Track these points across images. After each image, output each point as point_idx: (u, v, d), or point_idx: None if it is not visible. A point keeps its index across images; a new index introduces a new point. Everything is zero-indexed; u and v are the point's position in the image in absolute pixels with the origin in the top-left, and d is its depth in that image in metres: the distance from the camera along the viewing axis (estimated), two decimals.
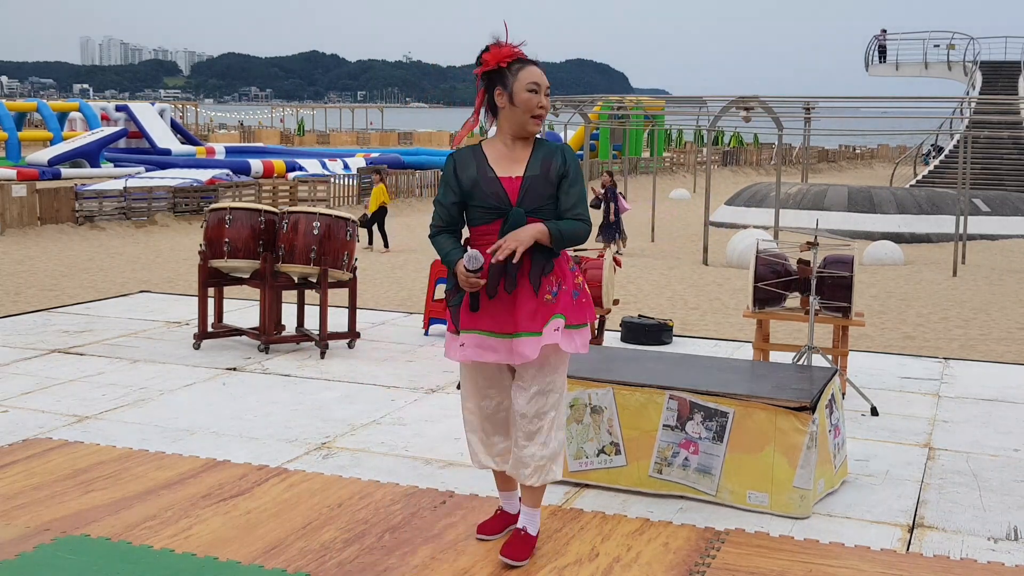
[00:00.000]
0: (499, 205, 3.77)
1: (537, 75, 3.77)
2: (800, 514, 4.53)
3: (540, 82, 3.77)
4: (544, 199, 3.77)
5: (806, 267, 6.57)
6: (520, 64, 3.78)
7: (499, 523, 4.22)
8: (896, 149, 57.70)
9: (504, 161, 3.82)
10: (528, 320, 3.77)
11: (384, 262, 17.73)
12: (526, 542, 4.00)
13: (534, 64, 3.80)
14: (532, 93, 3.76)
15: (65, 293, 13.86)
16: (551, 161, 3.80)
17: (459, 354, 3.86)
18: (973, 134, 23.76)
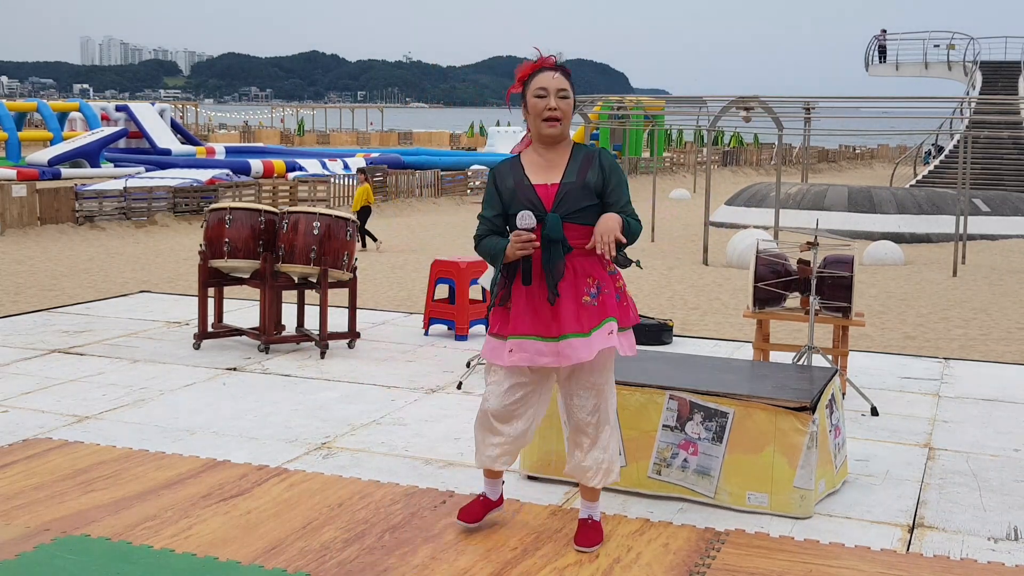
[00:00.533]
0: (535, 211, 3.89)
1: (545, 80, 3.89)
2: (800, 514, 4.53)
3: (547, 86, 3.88)
4: (580, 205, 3.90)
5: (806, 267, 6.57)
6: (536, 73, 3.93)
7: (481, 509, 4.31)
8: (896, 149, 57.70)
9: (540, 169, 3.95)
10: (573, 321, 3.88)
11: (384, 262, 17.73)
12: (596, 529, 4.18)
13: (552, 70, 3.91)
14: (539, 98, 3.88)
15: (65, 293, 13.86)
16: (588, 167, 3.92)
17: (508, 359, 3.95)
18: (973, 134, 23.75)
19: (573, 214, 3.90)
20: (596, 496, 4.20)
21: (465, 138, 63.22)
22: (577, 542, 4.12)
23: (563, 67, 3.96)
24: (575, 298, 3.90)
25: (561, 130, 3.93)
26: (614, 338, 3.92)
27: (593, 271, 3.94)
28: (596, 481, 4.09)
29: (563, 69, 3.95)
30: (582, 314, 3.90)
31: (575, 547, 4.11)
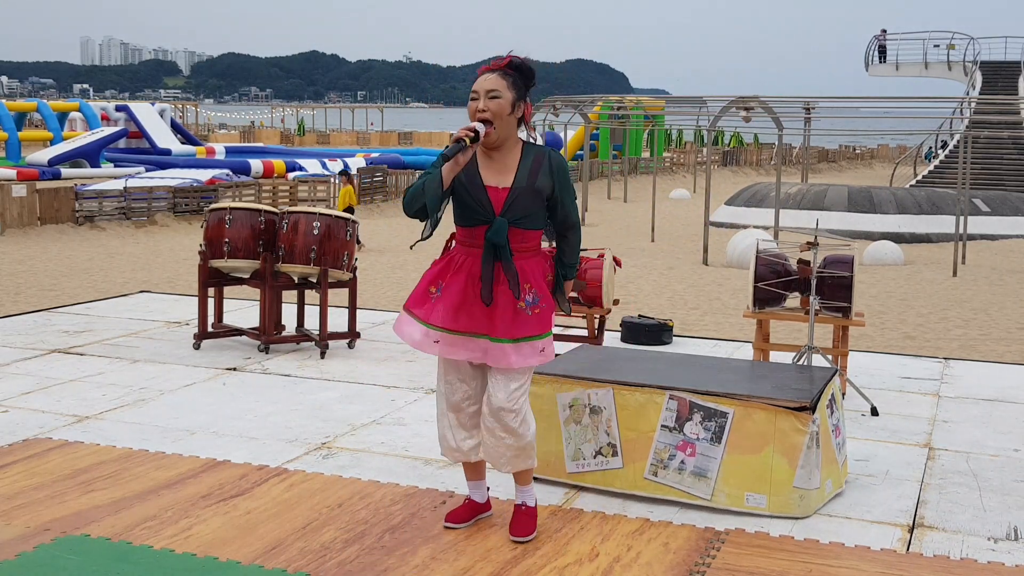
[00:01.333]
0: (483, 213, 3.91)
1: (477, 82, 3.90)
2: (801, 514, 4.53)
3: (477, 88, 3.89)
4: (529, 210, 3.93)
5: (806, 267, 6.57)
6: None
7: (468, 512, 4.33)
8: (896, 149, 57.69)
9: (492, 170, 3.94)
10: (506, 325, 3.91)
11: (384, 262, 17.73)
12: (529, 515, 4.19)
13: (492, 71, 3.91)
14: (472, 100, 3.91)
15: (65, 293, 13.86)
16: (539, 170, 3.94)
17: (432, 348, 3.99)
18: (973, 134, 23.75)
19: (520, 219, 3.92)
20: (526, 479, 4.20)
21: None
22: (512, 531, 4.16)
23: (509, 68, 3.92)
24: (511, 301, 3.92)
25: (496, 133, 3.89)
26: (547, 354, 3.99)
27: (532, 277, 3.96)
28: (508, 468, 4.10)
29: (506, 70, 3.91)
30: (516, 320, 3.92)
31: (511, 537, 4.14)
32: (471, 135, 3.81)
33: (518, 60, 3.95)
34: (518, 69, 3.95)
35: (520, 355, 3.93)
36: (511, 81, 3.91)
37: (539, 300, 3.97)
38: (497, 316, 3.91)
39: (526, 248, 3.96)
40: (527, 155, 3.96)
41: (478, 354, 3.96)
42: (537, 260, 4.01)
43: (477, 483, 4.35)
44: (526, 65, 3.96)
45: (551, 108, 25.06)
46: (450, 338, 3.96)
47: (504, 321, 3.91)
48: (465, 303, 3.94)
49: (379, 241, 20.40)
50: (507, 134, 3.93)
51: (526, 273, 3.95)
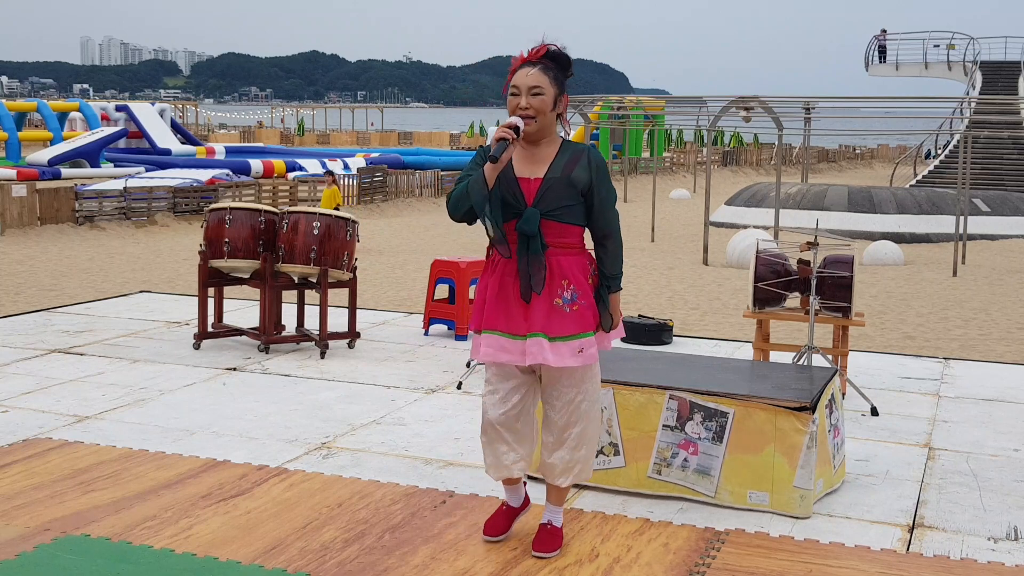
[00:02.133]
0: (515, 204, 3.78)
1: (519, 78, 3.77)
2: (800, 514, 4.53)
3: (519, 83, 3.76)
4: (562, 202, 3.79)
5: (806, 267, 6.57)
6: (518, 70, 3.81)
7: (505, 520, 4.20)
8: (896, 149, 57.69)
9: (525, 162, 3.83)
10: (541, 321, 3.79)
11: (384, 262, 17.72)
12: (554, 535, 4.08)
13: (531, 65, 3.78)
14: (512, 96, 3.78)
15: (65, 293, 13.86)
16: (575, 164, 3.80)
17: (479, 355, 3.91)
18: (973, 134, 23.76)
19: (554, 211, 3.79)
20: (560, 500, 4.11)
21: (465, 138, 63.22)
22: (535, 547, 4.04)
23: (547, 59, 3.79)
24: (547, 298, 3.81)
25: (537, 126, 3.78)
26: (586, 356, 3.84)
27: (570, 274, 3.83)
28: (561, 480, 4.01)
29: (545, 62, 3.78)
30: (552, 316, 3.80)
31: (532, 553, 4.02)
32: (513, 135, 3.70)
33: (555, 49, 3.80)
34: (555, 60, 3.81)
35: (557, 354, 3.79)
36: (552, 76, 3.78)
37: (577, 297, 3.83)
38: (533, 313, 3.80)
39: (564, 244, 3.82)
40: (565, 150, 3.84)
41: (518, 356, 3.83)
42: (577, 258, 3.86)
43: (515, 487, 4.19)
44: (563, 55, 3.82)
45: None
46: (492, 339, 3.86)
47: (540, 317, 3.79)
48: (504, 303, 3.85)
49: (379, 241, 20.39)
50: (547, 129, 3.83)
51: (563, 269, 3.81)
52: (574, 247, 3.86)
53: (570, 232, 3.84)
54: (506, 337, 3.84)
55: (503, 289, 3.85)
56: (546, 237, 3.79)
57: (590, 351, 3.87)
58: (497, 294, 3.86)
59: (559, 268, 3.81)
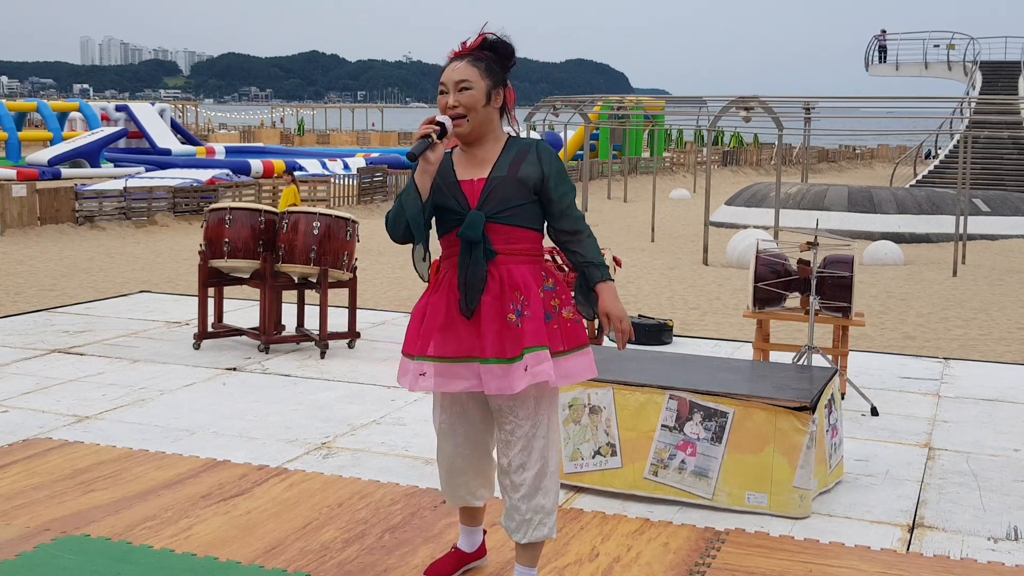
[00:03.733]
0: (458, 210, 3.35)
1: (445, 73, 3.36)
2: (800, 514, 4.53)
3: (446, 80, 3.35)
4: (511, 202, 3.33)
5: (806, 267, 6.57)
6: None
7: (450, 566, 3.78)
8: (896, 149, 57.69)
9: (467, 165, 3.40)
10: (495, 344, 3.30)
11: (384, 262, 17.72)
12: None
13: (460, 59, 3.36)
14: (441, 95, 3.37)
15: (65, 293, 13.85)
16: (522, 161, 3.35)
17: (419, 384, 3.37)
18: (973, 134, 23.75)
19: (501, 213, 3.32)
20: (530, 560, 3.54)
21: None
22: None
23: (482, 49, 3.36)
24: (499, 316, 3.31)
25: (470, 126, 3.33)
26: (539, 374, 3.29)
27: (522, 284, 3.33)
28: (518, 535, 3.47)
29: (476, 54, 3.35)
30: (505, 336, 3.29)
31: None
32: (437, 130, 3.29)
33: (492, 38, 3.37)
34: (492, 49, 3.37)
35: (508, 379, 3.28)
36: (484, 67, 3.34)
37: (525, 309, 3.33)
38: (484, 332, 3.31)
39: (515, 251, 3.35)
40: (511, 147, 3.38)
41: (474, 381, 3.33)
42: (531, 266, 3.38)
43: (470, 529, 3.79)
44: (502, 43, 3.38)
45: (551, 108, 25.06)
46: (440, 367, 3.34)
47: (492, 337, 3.30)
48: (451, 322, 3.35)
49: (379, 241, 20.39)
50: (485, 127, 3.37)
51: (515, 279, 3.33)
52: (527, 254, 3.38)
53: (522, 237, 3.37)
54: (456, 363, 3.35)
55: (449, 305, 3.37)
56: (494, 244, 3.32)
57: (539, 368, 3.30)
58: (444, 309, 3.37)
59: (510, 279, 3.33)
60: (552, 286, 3.40)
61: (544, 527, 3.46)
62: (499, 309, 3.32)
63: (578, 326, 3.43)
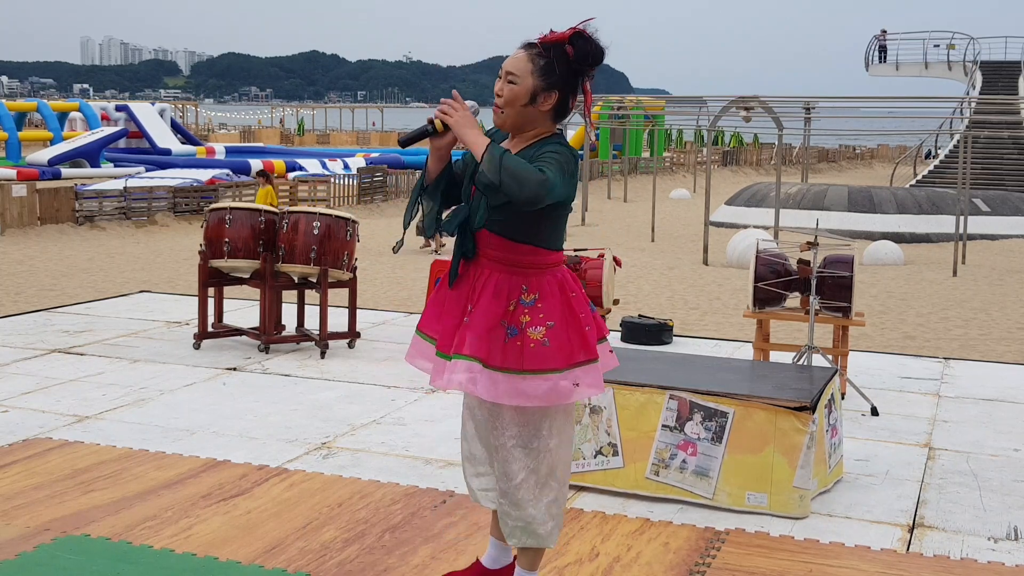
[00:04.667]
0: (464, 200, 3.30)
1: (506, 61, 3.22)
2: (800, 514, 4.53)
3: (503, 67, 3.21)
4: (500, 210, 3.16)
5: (806, 267, 6.57)
6: None
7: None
8: (896, 149, 57.70)
9: None
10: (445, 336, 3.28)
11: (384, 262, 17.72)
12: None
13: (525, 48, 3.21)
14: (498, 78, 3.23)
15: (65, 293, 13.85)
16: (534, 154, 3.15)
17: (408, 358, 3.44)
18: (973, 134, 23.75)
19: (500, 223, 3.20)
20: (528, 564, 3.45)
21: None
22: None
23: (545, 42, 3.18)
24: (458, 313, 3.27)
25: (503, 120, 3.22)
26: (452, 382, 3.21)
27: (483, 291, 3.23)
28: (513, 540, 3.39)
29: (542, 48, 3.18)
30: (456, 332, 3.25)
31: None
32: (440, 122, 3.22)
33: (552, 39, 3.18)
34: (554, 51, 3.16)
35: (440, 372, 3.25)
36: (542, 65, 3.15)
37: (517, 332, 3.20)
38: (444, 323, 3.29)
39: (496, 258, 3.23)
40: (544, 143, 3.19)
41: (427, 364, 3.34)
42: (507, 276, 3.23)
43: (498, 543, 3.60)
44: (582, 43, 3.15)
45: None
46: (415, 339, 3.37)
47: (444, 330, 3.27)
48: (437, 304, 3.36)
49: (379, 241, 20.39)
50: (524, 125, 3.22)
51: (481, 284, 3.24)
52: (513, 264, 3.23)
53: (506, 247, 3.22)
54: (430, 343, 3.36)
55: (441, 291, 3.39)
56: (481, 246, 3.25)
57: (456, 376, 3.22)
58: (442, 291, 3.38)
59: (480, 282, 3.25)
60: (530, 301, 3.22)
61: (535, 536, 3.36)
62: (460, 307, 3.27)
63: (545, 349, 3.20)
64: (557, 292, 3.25)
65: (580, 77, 3.21)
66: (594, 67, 3.21)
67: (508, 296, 3.22)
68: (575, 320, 3.26)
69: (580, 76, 3.21)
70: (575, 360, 3.23)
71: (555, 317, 3.23)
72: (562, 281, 3.29)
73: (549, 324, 3.21)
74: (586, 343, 3.26)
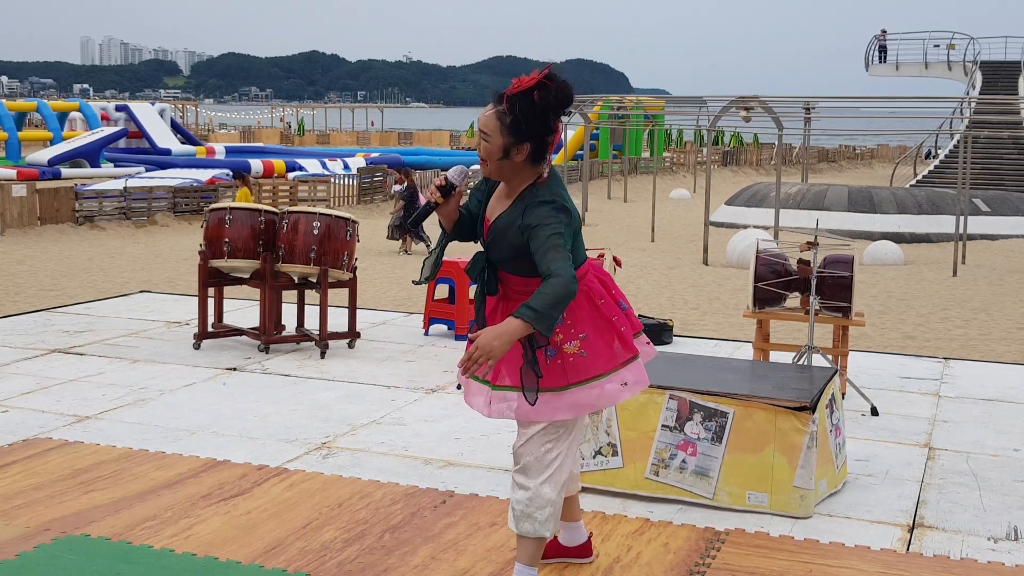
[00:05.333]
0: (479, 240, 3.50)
1: (479, 120, 3.39)
2: (801, 514, 4.53)
3: (478, 125, 3.38)
4: (511, 251, 3.36)
5: (806, 267, 6.57)
6: None
7: (547, 551, 3.89)
8: (896, 149, 57.70)
9: (499, 197, 3.46)
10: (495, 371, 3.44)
11: (384, 262, 17.72)
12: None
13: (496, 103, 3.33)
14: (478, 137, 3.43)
15: (65, 293, 13.85)
16: (526, 207, 3.32)
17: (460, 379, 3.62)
18: (973, 134, 23.75)
19: (501, 262, 3.42)
20: (524, 558, 3.57)
21: (465, 138, 63.24)
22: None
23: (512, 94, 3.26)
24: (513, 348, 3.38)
25: (487, 171, 3.38)
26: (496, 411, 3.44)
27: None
28: (512, 524, 3.55)
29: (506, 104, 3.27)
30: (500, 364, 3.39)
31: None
32: (438, 194, 3.45)
33: (516, 89, 3.26)
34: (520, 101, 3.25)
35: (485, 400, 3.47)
36: (508, 123, 3.27)
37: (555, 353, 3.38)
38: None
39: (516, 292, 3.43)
40: (529, 196, 3.35)
41: (482, 399, 3.51)
42: None
43: (568, 524, 3.89)
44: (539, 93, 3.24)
45: None
46: (466, 382, 3.56)
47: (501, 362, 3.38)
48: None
49: (379, 241, 20.39)
50: (506, 175, 3.38)
51: None
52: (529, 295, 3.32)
53: (519, 283, 3.42)
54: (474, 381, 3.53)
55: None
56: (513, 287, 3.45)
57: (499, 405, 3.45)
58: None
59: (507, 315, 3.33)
60: (559, 321, 3.34)
61: (531, 522, 3.48)
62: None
63: (584, 360, 3.39)
64: (585, 304, 3.42)
65: (550, 119, 3.31)
66: (563, 108, 3.32)
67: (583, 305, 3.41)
68: (608, 325, 3.44)
69: (551, 118, 3.31)
70: (619, 362, 3.46)
71: (587, 328, 3.41)
72: (588, 291, 3.44)
73: (582, 336, 3.40)
74: (625, 343, 3.47)
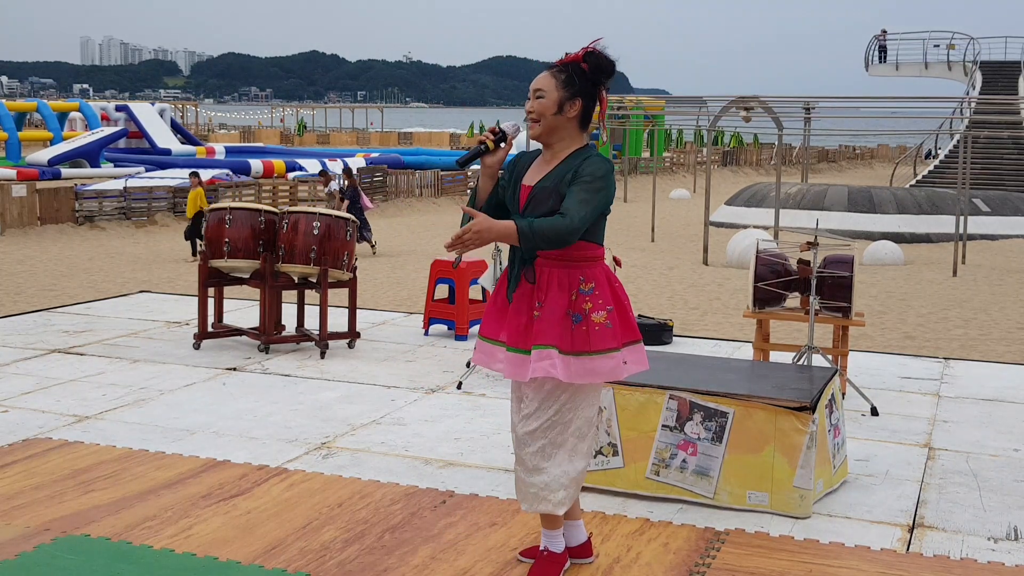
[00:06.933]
0: (513, 211, 3.67)
1: (532, 83, 3.67)
2: (800, 514, 4.53)
3: (531, 87, 3.64)
4: (542, 210, 3.57)
5: (806, 267, 6.57)
6: None
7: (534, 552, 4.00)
8: (896, 149, 57.69)
9: (537, 167, 3.68)
10: (518, 335, 3.63)
11: (384, 262, 17.72)
12: (551, 561, 3.83)
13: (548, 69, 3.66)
14: (527, 99, 3.67)
15: (65, 293, 13.85)
16: (569, 171, 3.57)
17: (474, 357, 3.84)
18: (973, 134, 23.75)
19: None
20: (549, 523, 3.83)
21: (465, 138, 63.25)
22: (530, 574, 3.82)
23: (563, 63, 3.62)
24: (527, 310, 3.63)
25: (539, 130, 3.62)
26: (537, 369, 3.56)
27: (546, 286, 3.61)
28: (525, 505, 3.73)
29: (559, 67, 3.62)
30: (527, 329, 3.62)
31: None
32: (492, 137, 3.63)
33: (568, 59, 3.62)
34: (572, 68, 3.60)
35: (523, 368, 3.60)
36: (564, 78, 3.58)
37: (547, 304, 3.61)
38: (511, 323, 3.65)
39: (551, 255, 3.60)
40: (575, 158, 3.60)
41: (503, 366, 3.67)
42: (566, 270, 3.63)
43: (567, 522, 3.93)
44: (596, 58, 3.59)
45: None
46: (482, 344, 3.75)
47: (514, 328, 3.63)
48: (498, 308, 3.73)
49: (379, 240, 20.40)
50: (556, 133, 3.62)
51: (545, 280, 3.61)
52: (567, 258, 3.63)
53: (571, 247, 3.60)
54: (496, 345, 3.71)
55: (499, 295, 3.76)
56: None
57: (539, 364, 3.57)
58: (496, 296, 3.77)
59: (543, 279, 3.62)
60: (589, 290, 3.65)
61: (547, 503, 3.69)
62: (527, 304, 3.64)
63: (608, 331, 3.63)
64: (606, 282, 3.72)
65: (597, 87, 3.65)
66: (608, 78, 3.66)
67: (570, 287, 3.64)
68: (622, 305, 3.74)
69: (597, 86, 3.65)
70: (627, 340, 3.71)
71: (611, 302, 3.69)
72: (607, 272, 3.79)
73: (608, 308, 3.66)
74: (633, 325, 3.75)
